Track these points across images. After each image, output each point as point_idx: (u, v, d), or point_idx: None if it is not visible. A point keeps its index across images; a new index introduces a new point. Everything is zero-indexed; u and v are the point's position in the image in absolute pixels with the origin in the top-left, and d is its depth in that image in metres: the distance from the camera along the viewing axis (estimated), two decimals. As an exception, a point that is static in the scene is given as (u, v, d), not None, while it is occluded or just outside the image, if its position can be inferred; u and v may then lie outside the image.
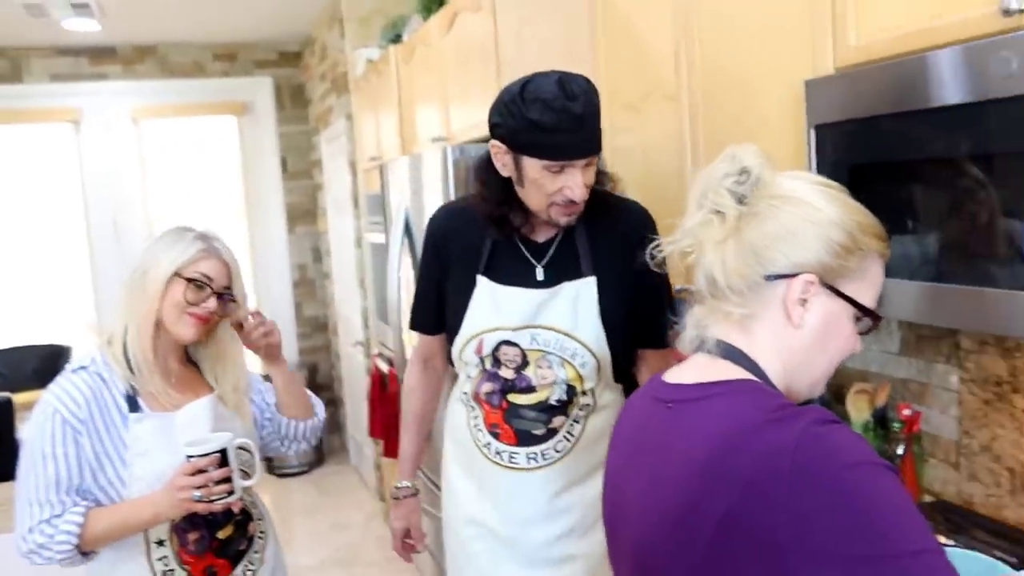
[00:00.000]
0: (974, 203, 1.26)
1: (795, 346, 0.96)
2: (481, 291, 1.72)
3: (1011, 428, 1.68)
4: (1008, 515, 1.71)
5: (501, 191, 1.65)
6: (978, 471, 1.77)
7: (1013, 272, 1.20)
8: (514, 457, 1.72)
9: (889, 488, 0.81)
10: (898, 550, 0.77)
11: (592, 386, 1.72)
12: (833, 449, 0.82)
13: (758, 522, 0.81)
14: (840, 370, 2.11)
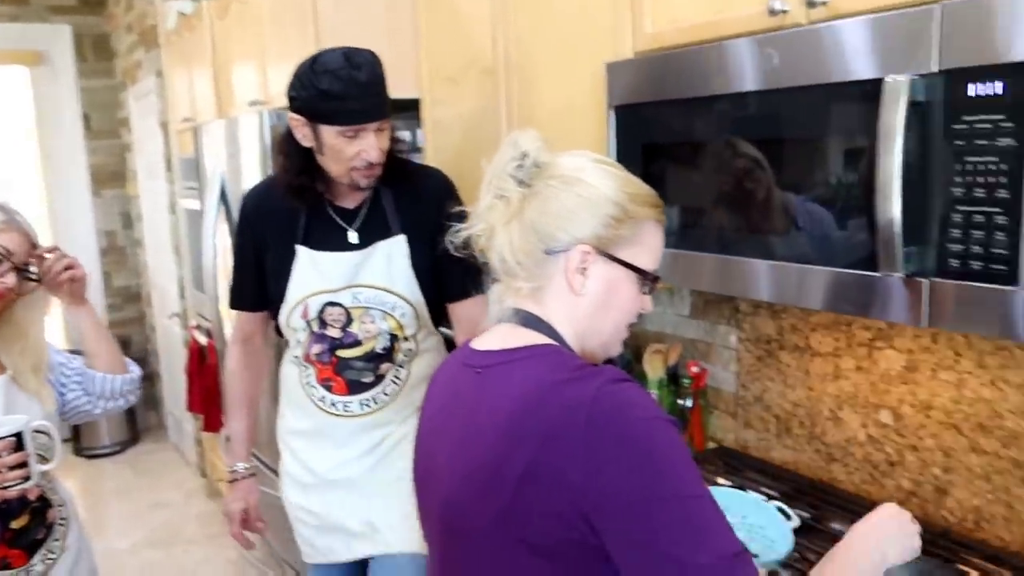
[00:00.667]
0: (751, 183, 1.42)
1: (582, 312, 1.05)
2: (301, 260, 1.82)
3: (778, 380, 1.91)
4: (775, 456, 1.95)
5: (302, 162, 1.75)
6: (752, 419, 2.00)
7: (783, 246, 1.37)
8: (348, 406, 1.85)
9: (672, 440, 0.91)
10: (678, 492, 0.88)
11: (413, 332, 1.85)
12: (625, 404, 0.92)
13: (557, 469, 0.89)
14: (639, 333, 2.32)
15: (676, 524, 0.87)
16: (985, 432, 1.52)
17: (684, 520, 0.88)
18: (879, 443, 1.71)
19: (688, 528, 0.87)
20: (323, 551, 1.93)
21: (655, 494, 0.88)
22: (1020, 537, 1.49)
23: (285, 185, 1.79)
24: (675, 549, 0.87)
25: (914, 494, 1.66)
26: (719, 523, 0.90)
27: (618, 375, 0.94)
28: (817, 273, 1.30)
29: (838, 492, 1.78)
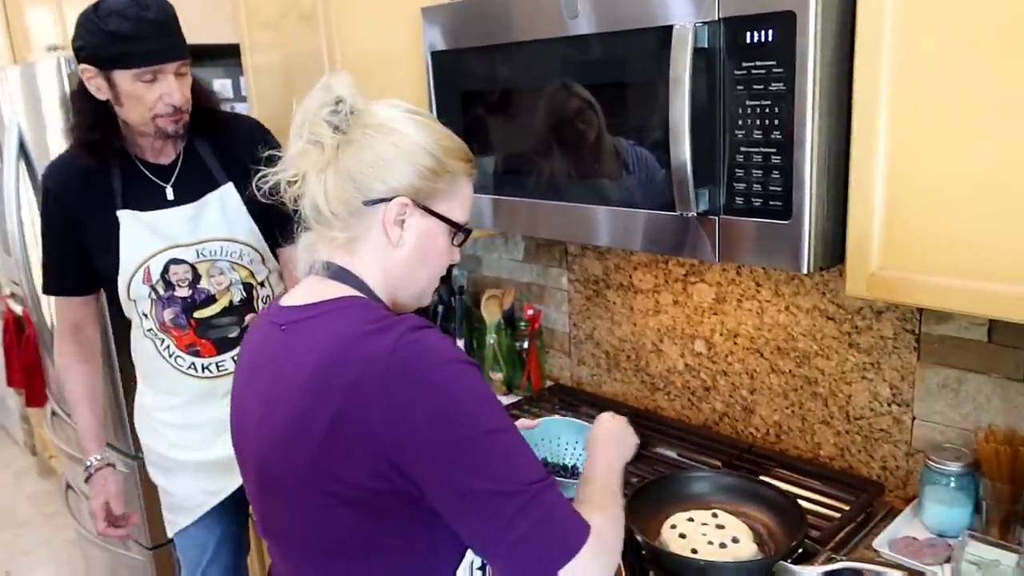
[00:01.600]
0: (567, 129, 1.45)
1: (397, 263, 1.05)
2: (127, 224, 1.70)
3: (606, 318, 2.00)
4: (606, 389, 2.05)
5: (97, 117, 1.65)
6: (584, 356, 2.09)
7: (599, 191, 1.42)
8: (222, 364, 1.79)
9: (473, 381, 0.94)
10: (482, 430, 0.91)
11: (265, 277, 1.81)
12: (425, 350, 0.93)
13: (361, 420, 0.90)
14: (477, 279, 2.36)
15: (483, 460, 0.91)
16: (782, 354, 1.66)
17: (490, 455, 0.91)
18: (695, 371, 1.83)
19: (494, 462, 0.91)
20: (193, 511, 1.87)
21: (460, 434, 0.91)
22: (812, 446, 1.66)
23: (79, 143, 1.67)
24: (485, 483, 0.90)
25: (726, 415, 1.80)
26: (524, 454, 0.94)
27: (418, 323, 0.96)
28: (625, 215, 1.36)
29: (662, 419, 1.90)
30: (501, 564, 0.93)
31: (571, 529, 0.93)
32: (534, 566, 0.92)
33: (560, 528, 0.93)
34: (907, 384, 1.49)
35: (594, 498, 1.05)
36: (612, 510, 1.04)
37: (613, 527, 1.00)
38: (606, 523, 0.99)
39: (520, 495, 0.91)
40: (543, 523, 0.91)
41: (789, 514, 1.33)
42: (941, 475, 1.39)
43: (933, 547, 1.36)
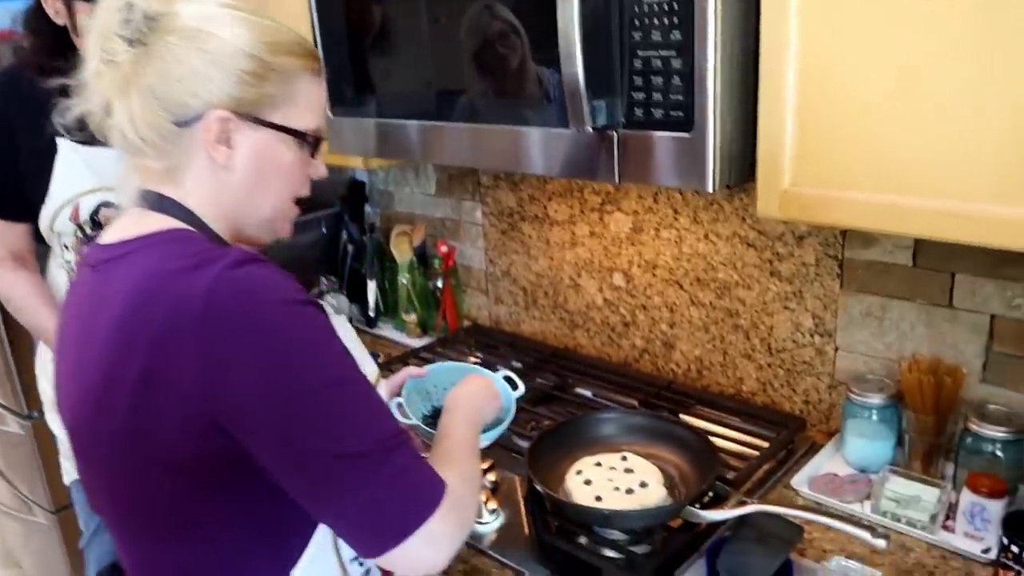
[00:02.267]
0: (469, 44, 1.28)
1: (232, 189, 0.90)
2: (65, 155, 1.55)
3: (523, 253, 1.87)
4: (525, 328, 1.94)
5: (55, 42, 1.50)
6: (502, 294, 1.97)
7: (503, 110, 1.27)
8: None
9: (309, 324, 0.80)
10: (318, 382, 0.78)
11: None
12: (249, 289, 0.79)
13: (174, 374, 0.76)
14: (388, 215, 2.20)
15: (323, 418, 0.78)
16: (702, 285, 1.56)
17: (331, 412, 0.78)
18: (614, 306, 1.72)
19: (337, 420, 0.78)
20: None
21: (294, 389, 0.77)
22: (734, 381, 1.57)
23: (37, 68, 1.45)
24: (325, 444, 0.78)
25: (647, 351, 1.70)
26: (370, 408, 0.82)
27: (244, 256, 0.81)
28: (520, 135, 1.22)
29: (582, 357, 1.80)
30: (345, 532, 0.81)
31: (425, 489, 0.82)
32: (385, 532, 0.80)
33: (413, 490, 0.81)
34: (830, 313, 1.40)
35: (451, 454, 0.94)
36: (469, 466, 0.93)
37: (469, 484, 0.90)
38: (462, 480, 0.88)
39: (367, 456, 0.79)
40: (394, 486, 0.79)
41: (702, 455, 1.24)
42: (863, 408, 1.31)
43: (854, 483, 1.29)
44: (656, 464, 1.26)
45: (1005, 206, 0.87)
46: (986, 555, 1.11)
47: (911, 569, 1.11)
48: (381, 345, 2.02)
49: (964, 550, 1.12)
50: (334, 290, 1.98)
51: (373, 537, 0.80)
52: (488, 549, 1.19)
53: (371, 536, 0.81)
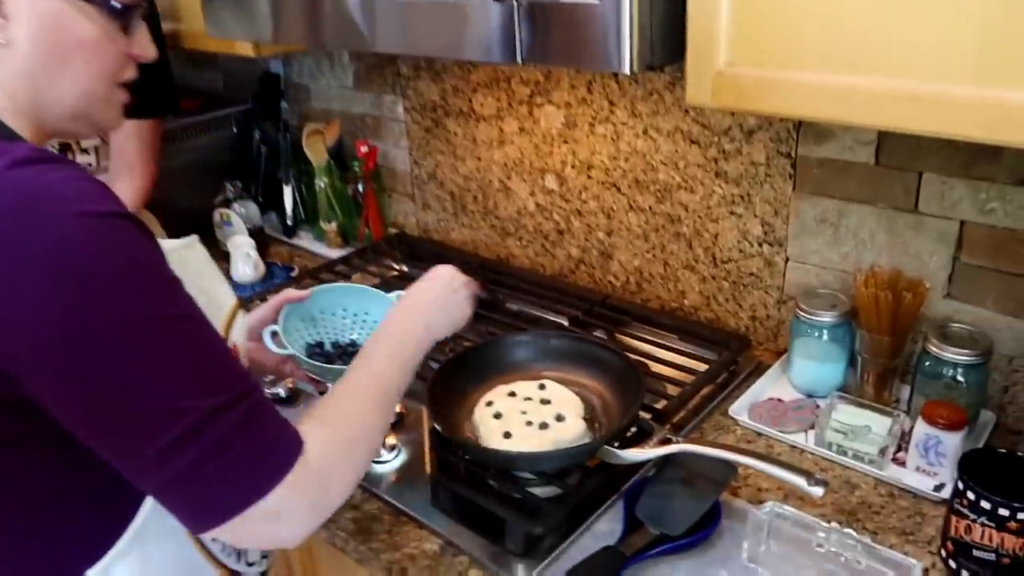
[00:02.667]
0: None
1: (16, 69, 0.71)
2: None
3: (448, 153, 1.67)
4: (455, 237, 1.76)
5: None
6: (429, 199, 1.78)
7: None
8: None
9: (118, 242, 0.62)
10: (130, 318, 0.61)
11: (92, 144, 1.52)
12: (38, 196, 0.61)
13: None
14: (308, 112, 1.97)
15: (119, 361, 0.61)
16: (641, 188, 1.38)
17: (131, 354, 0.61)
18: (547, 211, 1.54)
19: (139, 364, 0.61)
20: None
21: (94, 327, 0.60)
22: (676, 294, 1.41)
23: None
24: (132, 397, 0.61)
25: (583, 262, 1.53)
26: (197, 354, 0.65)
27: (29, 154, 0.62)
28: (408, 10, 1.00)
29: (514, 269, 1.63)
30: (165, 502, 0.66)
31: (265, 458, 0.66)
32: (207, 508, 0.64)
33: (246, 458, 0.65)
34: (780, 220, 1.23)
35: (341, 399, 0.78)
36: (360, 416, 0.77)
37: (348, 444, 0.74)
38: (337, 439, 0.72)
39: (183, 415, 0.62)
40: (219, 453, 0.63)
41: (627, 382, 1.09)
42: (812, 326, 1.16)
43: (799, 410, 1.15)
44: (578, 392, 1.12)
45: (987, 89, 0.69)
46: (938, 493, 0.98)
47: (855, 509, 0.98)
48: (298, 257, 1.83)
49: (914, 487, 1.00)
50: (241, 197, 1.77)
51: (195, 512, 0.65)
52: (384, 493, 1.05)
53: (192, 511, 0.65)
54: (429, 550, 0.97)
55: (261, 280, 1.68)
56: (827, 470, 1.05)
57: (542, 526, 0.93)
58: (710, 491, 0.95)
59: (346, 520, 1.02)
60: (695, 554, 0.92)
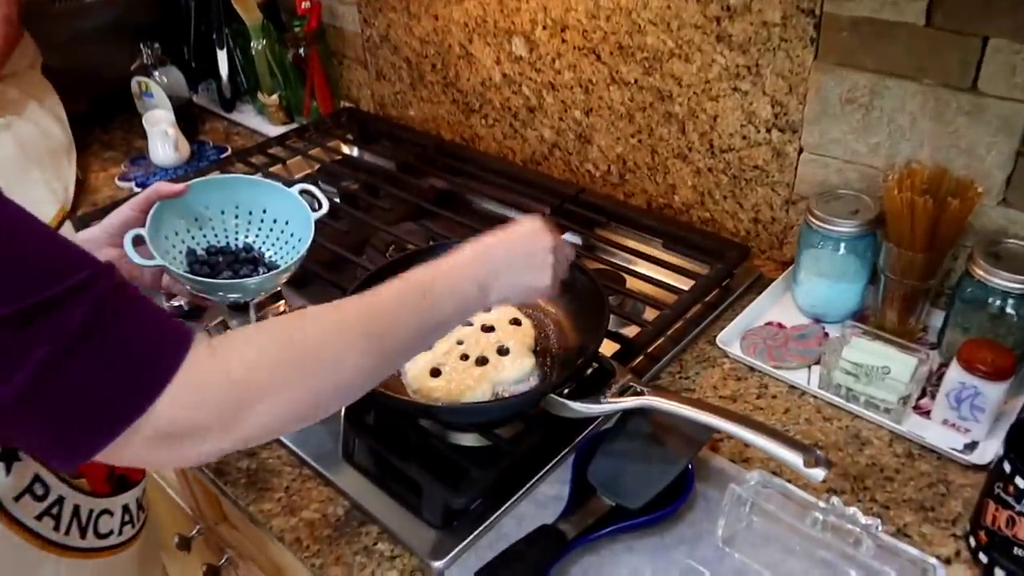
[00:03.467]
0: None
1: None
2: None
3: (401, 10, 1.39)
4: (414, 113, 1.50)
5: None
6: (383, 67, 1.50)
7: None
8: None
9: None
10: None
11: None
12: None
13: None
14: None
15: None
16: (625, 55, 1.11)
17: None
18: (516, 83, 1.28)
19: None
20: None
21: None
22: (664, 188, 1.17)
23: None
24: None
25: (557, 146, 1.28)
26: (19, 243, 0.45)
27: None
28: None
29: (479, 155, 1.38)
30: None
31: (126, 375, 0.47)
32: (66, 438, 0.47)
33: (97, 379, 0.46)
34: (795, 99, 0.97)
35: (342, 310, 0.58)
36: (338, 340, 0.56)
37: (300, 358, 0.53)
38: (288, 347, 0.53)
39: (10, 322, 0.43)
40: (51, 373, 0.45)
41: (591, 306, 0.87)
42: (826, 236, 0.92)
43: (803, 340, 0.94)
44: (530, 316, 0.91)
45: None
46: (968, 455, 0.78)
47: (863, 473, 0.78)
48: (236, 135, 1.59)
49: (939, 446, 0.79)
50: (163, 63, 1.50)
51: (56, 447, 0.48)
52: (288, 439, 0.86)
53: (53, 447, 0.48)
54: (332, 516, 0.78)
55: (186, 163, 1.45)
56: (831, 419, 0.85)
57: (466, 496, 0.74)
58: (682, 452, 0.75)
59: (237, 472, 0.84)
60: (657, 531, 0.73)
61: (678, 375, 0.92)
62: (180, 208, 0.85)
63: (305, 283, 1.06)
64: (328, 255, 1.09)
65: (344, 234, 1.16)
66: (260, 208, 0.90)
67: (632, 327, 0.95)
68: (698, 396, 0.89)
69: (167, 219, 0.84)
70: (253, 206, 0.89)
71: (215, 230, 0.89)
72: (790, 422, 0.85)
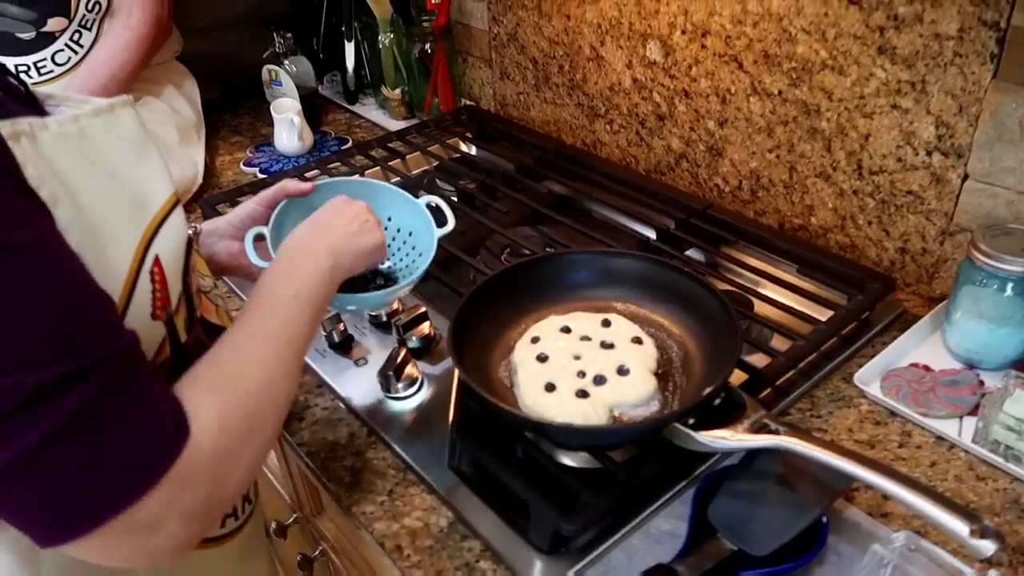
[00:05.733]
0: None
1: None
2: None
3: (532, 8, 1.35)
4: (535, 115, 1.47)
5: None
6: (508, 66, 1.47)
7: None
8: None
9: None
10: None
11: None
12: None
13: None
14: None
15: None
16: (771, 65, 1.04)
17: None
18: (646, 89, 1.22)
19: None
20: None
21: None
22: (801, 209, 1.09)
23: None
24: None
25: (685, 157, 1.22)
26: (29, 303, 0.42)
27: None
28: None
29: (600, 161, 1.33)
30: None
31: (132, 449, 0.45)
32: (50, 516, 0.45)
33: (105, 450, 0.44)
34: (965, 120, 0.88)
35: (247, 340, 0.58)
36: (266, 371, 0.57)
37: (247, 414, 0.53)
38: (234, 409, 0.52)
39: (10, 392, 0.41)
40: (60, 441, 0.43)
41: (720, 331, 0.81)
42: (991, 274, 0.83)
43: (954, 387, 0.85)
44: (653, 335, 0.85)
45: None
46: None
47: (1023, 545, 0.70)
48: (357, 127, 1.59)
49: (1120, 524, 0.70)
50: (293, 52, 1.52)
51: (33, 522, 0.45)
52: (394, 441, 0.84)
53: (28, 519, 0.45)
54: (435, 526, 0.76)
55: (308, 152, 1.46)
56: (986, 479, 0.76)
57: (578, 523, 0.69)
58: (816, 500, 0.69)
59: (342, 469, 0.82)
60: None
61: (809, 412, 0.85)
62: (305, 207, 0.84)
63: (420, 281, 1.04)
64: (443, 254, 1.07)
65: (460, 234, 1.13)
66: (385, 215, 0.88)
67: (758, 355, 0.88)
68: (831, 438, 0.81)
69: (291, 217, 0.83)
70: (378, 212, 0.88)
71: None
72: (937, 478, 0.76)
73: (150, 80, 1.40)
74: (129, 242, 0.56)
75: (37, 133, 0.49)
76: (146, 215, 0.58)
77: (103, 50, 1.29)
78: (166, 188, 0.60)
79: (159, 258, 0.58)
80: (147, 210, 0.58)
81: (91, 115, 0.56)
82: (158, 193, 0.59)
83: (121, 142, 0.58)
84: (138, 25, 1.28)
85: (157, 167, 0.60)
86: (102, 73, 1.27)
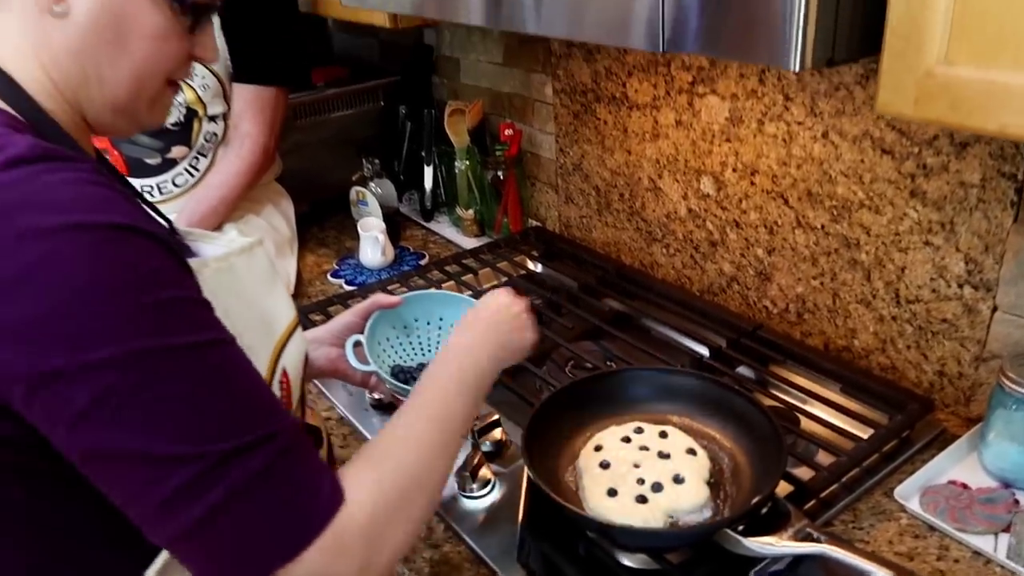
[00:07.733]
0: None
1: (64, 44, 0.62)
2: None
3: (596, 143, 1.51)
4: (596, 236, 1.60)
5: None
6: (572, 192, 1.62)
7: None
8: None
9: (115, 261, 0.52)
10: (128, 348, 0.51)
11: (219, 112, 1.47)
12: (26, 202, 0.52)
13: None
14: (456, 88, 1.87)
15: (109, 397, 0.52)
16: (814, 202, 1.15)
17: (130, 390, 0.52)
18: (700, 218, 1.35)
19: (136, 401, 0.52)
20: None
21: (81, 356, 0.51)
22: (844, 332, 1.18)
23: None
24: (127, 438, 0.52)
25: (736, 280, 1.33)
26: (214, 389, 0.54)
27: (24, 152, 0.54)
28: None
29: (656, 281, 1.45)
30: (177, 557, 0.57)
31: (293, 514, 0.55)
32: (220, 569, 0.55)
33: (270, 513, 0.54)
34: (991, 257, 0.97)
35: (407, 427, 0.68)
36: (424, 456, 0.66)
37: (402, 493, 0.62)
38: (389, 488, 0.61)
39: (195, 461, 0.53)
40: (234, 505, 0.53)
41: (767, 446, 0.90)
42: (1021, 400, 0.90)
43: (990, 504, 0.91)
44: (706, 447, 0.94)
45: None
46: None
47: (1058, 659, 0.74)
48: (432, 243, 1.75)
49: None
50: (379, 175, 1.70)
51: (213, 572, 0.56)
52: (468, 535, 0.93)
53: (203, 571, 0.56)
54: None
55: (389, 266, 1.61)
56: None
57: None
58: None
59: (422, 560, 0.91)
60: None
61: (851, 524, 0.91)
62: (394, 317, 0.97)
63: (490, 389, 1.15)
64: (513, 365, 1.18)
65: (528, 346, 1.24)
66: (438, 316, 1.00)
67: (803, 468, 0.96)
68: (872, 549, 0.88)
69: (381, 326, 0.96)
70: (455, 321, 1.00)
71: (420, 339, 1.00)
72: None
73: (252, 199, 1.58)
74: (264, 357, 0.68)
75: (201, 270, 0.63)
76: (275, 335, 0.70)
77: (217, 175, 1.47)
78: (289, 312, 0.73)
79: (286, 370, 0.70)
80: (275, 330, 0.71)
81: (237, 254, 0.69)
82: (284, 317, 0.73)
83: (257, 275, 0.71)
84: (248, 155, 1.46)
85: (282, 295, 0.74)
86: (214, 196, 1.45)
